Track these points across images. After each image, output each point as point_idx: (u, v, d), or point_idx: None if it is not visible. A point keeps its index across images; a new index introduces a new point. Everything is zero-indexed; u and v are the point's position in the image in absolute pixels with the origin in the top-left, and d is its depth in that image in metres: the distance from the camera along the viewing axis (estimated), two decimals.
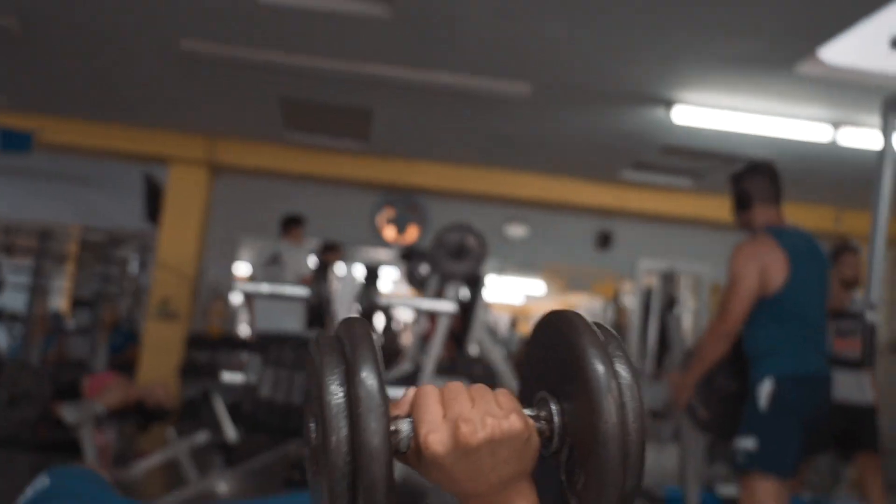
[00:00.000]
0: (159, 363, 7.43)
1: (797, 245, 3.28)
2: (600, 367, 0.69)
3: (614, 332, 0.75)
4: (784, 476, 3.04)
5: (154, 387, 4.59)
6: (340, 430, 0.65)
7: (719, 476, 5.16)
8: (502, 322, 17.37)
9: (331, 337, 0.72)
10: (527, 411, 0.74)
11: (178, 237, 8.03)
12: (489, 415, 0.70)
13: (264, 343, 2.95)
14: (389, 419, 0.67)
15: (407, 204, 8.73)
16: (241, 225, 8.59)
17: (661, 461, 5.68)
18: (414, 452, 0.71)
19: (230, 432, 4.29)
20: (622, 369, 0.71)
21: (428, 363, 3.95)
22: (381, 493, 0.65)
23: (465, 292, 5.03)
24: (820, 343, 3.20)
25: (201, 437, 4.37)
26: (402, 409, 0.73)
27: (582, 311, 0.78)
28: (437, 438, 0.69)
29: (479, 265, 3.66)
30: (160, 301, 7.78)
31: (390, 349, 5.40)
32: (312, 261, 6.66)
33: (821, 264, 3.34)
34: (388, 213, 8.75)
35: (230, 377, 3.03)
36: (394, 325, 8.58)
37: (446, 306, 2.35)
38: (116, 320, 7.41)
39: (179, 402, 7.26)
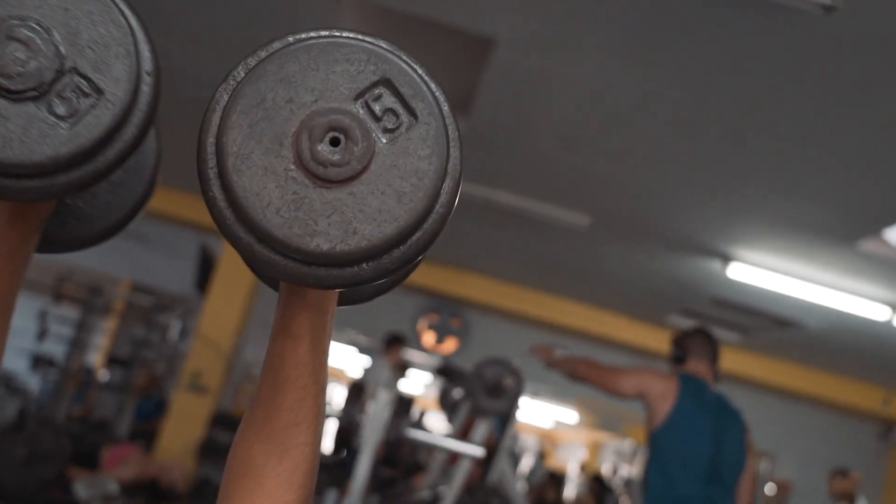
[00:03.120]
0: (181, 436, 7.39)
1: (698, 393, 3.62)
2: None
3: None
4: None
5: (172, 467, 4.55)
6: None
7: None
8: (529, 444, 17.04)
9: None
10: None
11: (222, 310, 8.09)
12: None
13: None
14: None
15: (450, 313, 8.72)
16: None
17: None
18: None
19: None
20: None
21: (448, 497, 3.86)
22: None
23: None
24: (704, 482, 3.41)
25: None
26: None
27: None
28: None
29: (514, 404, 3.64)
30: (193, 373, 7.80)
31: (410, 463, 5.33)
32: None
33: (726, 421, 3.64)
34: (430, 319, 8.74)
35: None
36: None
37: (474, 451, 2.31)
38: (149, 386, 7.43)
39: (193, 481, 7.19)
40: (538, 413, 14.54)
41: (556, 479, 9.74)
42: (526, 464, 14.54)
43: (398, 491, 3.64)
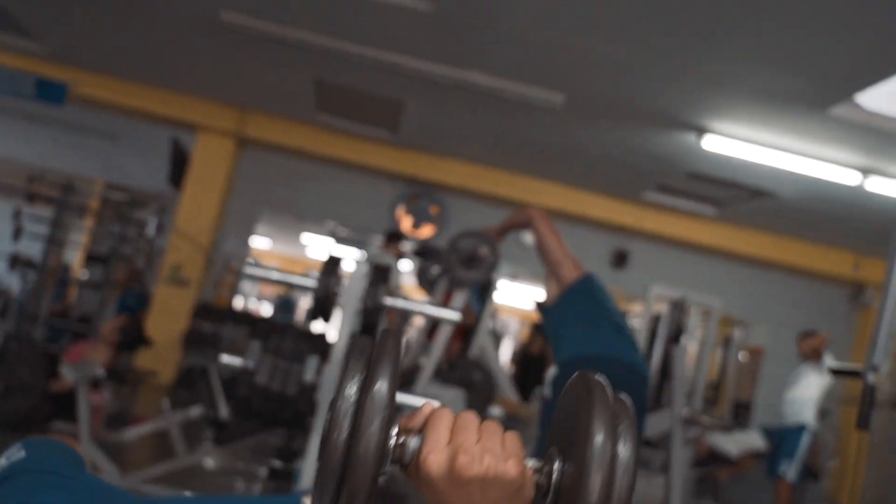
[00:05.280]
0: (166, 328, 7.48)
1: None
2: (599, 442, 0.71)
3: (630, 407, 0.76)
4: None
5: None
6: (343, 430, 0.69)
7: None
8: (510, 326, 17.35)
9: (366, 343, 0.76)
10: (531, 462, 0.76)
11: (198, 205, 8.07)
12: (490, 453, 0.72)
13: (266, 330, 2.97)
14: (389, 431, 0.70)
15: (428, 198, 8.73)
16: (262, 200, 8.62)
17: (648, 491, 5.68)
18: (414, 467, 0.74)
19: (223, 410, 4.32)
20: (623, 449, 0.72)
21: (427, 366, 3.95)
22: (362, 495, 0.69)
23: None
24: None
25: (195, 411, 4.40)
26: (416, 424, 0.76)
27: None
28: (434, 460, 0.72)
29: (491, 274, 3.65)
30: (173, 267, 7.84)
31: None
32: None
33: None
34: (407, 204, 8.75)
35: (229, 360, 3.05)
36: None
37: (451, 315, 2.35)
38: (130, 281, 7.45)
39: (180, 369, 7.31)
40: (518, 295, 14.77)
41: (541, 329, 9.97)
42: (507, 346, 14.86)
43: None
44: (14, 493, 1.04)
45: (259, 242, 9.87)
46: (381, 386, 0.70)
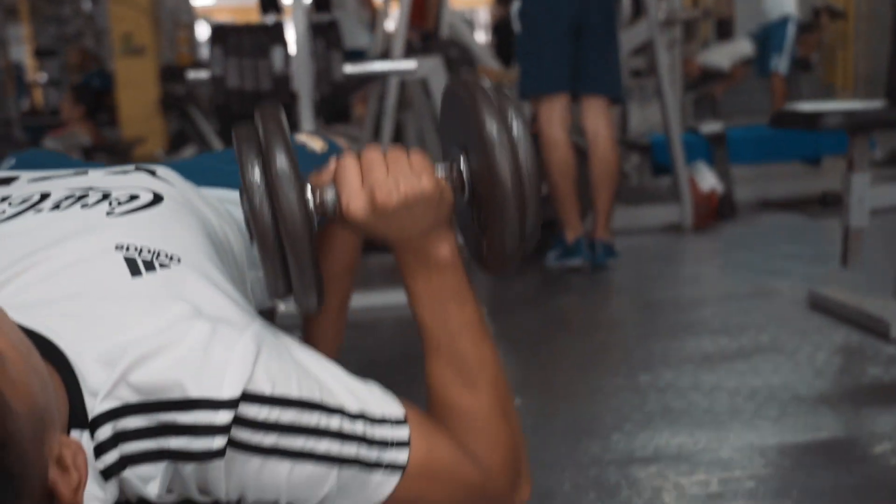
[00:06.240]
0: (137, 100, 7.34)
1: None
2: (493, 127, 0.79)
3: (510, 95, 0.85)
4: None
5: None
6: (264, 213, 0.76)
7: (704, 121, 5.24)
8: (480, 15, 16.81)
9: (248, 128, 0.82)
10: (440, 170, 0.84)
11: None
12: (402, 178, 0.78)
13: (222, 33, 2.88)
14: (304, 188, 0.77)
15: None
16: None
17: (646, 115, 5.74)
18: (341, 217, 0.80)
19: (215, 142, 4.33)
20: (516, 127, 0.81)
21: (396, 45, 3.86)
22: (304, 247, 0.76)
23: None
24: None
25: (189, 151, 4.43)
26: (326, 179, 0.81)
27: None
28: (355, 206, 0.78)
29: None
30: (123, 37, 7.53)
31: None
32: None
33: None
34: None
35: (195, 74, 3.00)
36: None
37: None
38: (85, 62, 7.21)
39: (168, 136, 7.27)
40: None
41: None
42: (480, 35, 14.51)
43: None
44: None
45: None
46: (281, 161, 0.75)
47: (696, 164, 4.08)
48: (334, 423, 0.73)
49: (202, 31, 8.61)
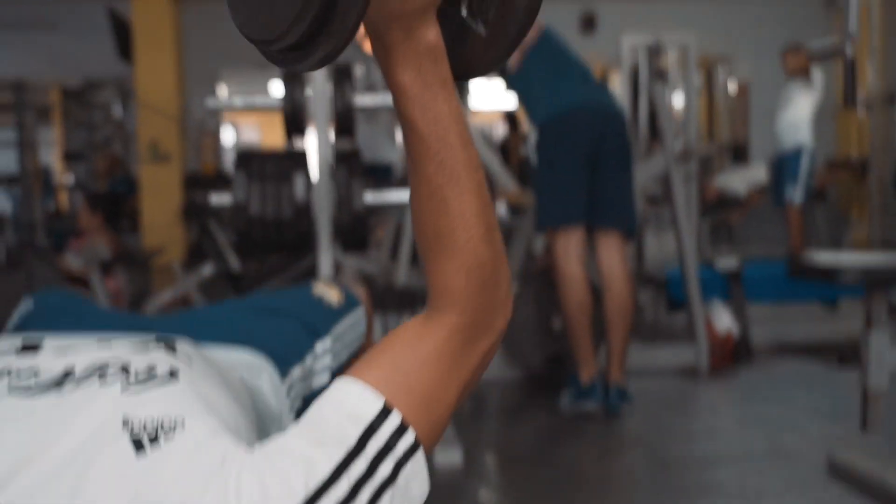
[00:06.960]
0: (160, 207, 7.45)
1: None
2: None
3: None
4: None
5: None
6: None
7: (721, 254, 5.26)
8: (497, 130, 17.03)
9: None
10: None
11: (154, 73, 7.81)
12: None
13: (247, 158, 2.93)
14: None
15: None
16: (219, 54, 8.31)
17: (661, 244, 5.74)
18: None
19: (233, 261, 4.36)
20: None
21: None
22: None
23: None
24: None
25: (206, 269, 4.45)
26: None
27: None
28: None
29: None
30: (149, 144, 7.71)
31: None
32: None
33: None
34: None
35: (218, 199, 3.03)
36: None
37: None
38: (112, 168, 7.35)
39: (187, 246, 7.35)
40: (495, 95, 14.43)
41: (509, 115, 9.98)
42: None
43: None
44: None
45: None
46: None
47: (713, 303, 4.07)
48: (343, 484, 0.72)
49: (227, 137, 8.79)
